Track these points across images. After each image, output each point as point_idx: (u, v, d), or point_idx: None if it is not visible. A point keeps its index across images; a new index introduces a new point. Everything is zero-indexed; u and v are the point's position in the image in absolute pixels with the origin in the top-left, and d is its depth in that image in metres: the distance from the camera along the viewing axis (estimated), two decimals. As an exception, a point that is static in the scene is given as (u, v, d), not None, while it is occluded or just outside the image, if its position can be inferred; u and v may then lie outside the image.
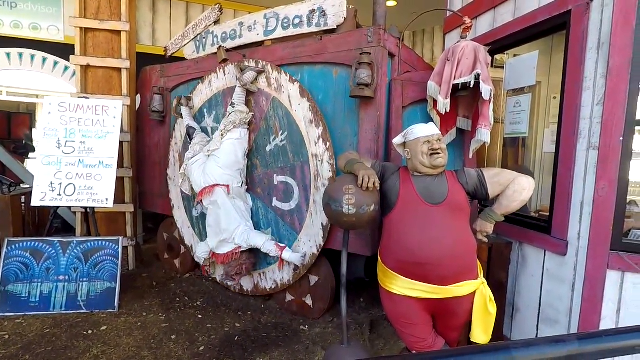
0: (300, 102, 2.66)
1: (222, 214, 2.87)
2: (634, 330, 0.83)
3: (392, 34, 2.52)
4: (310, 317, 2.85)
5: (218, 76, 3.17)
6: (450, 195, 1.74)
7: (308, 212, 2.72)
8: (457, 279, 1.70)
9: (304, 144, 2.68)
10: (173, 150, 3.61)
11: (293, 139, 2.75)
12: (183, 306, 3.07)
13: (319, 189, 2.63)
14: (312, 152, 2.64)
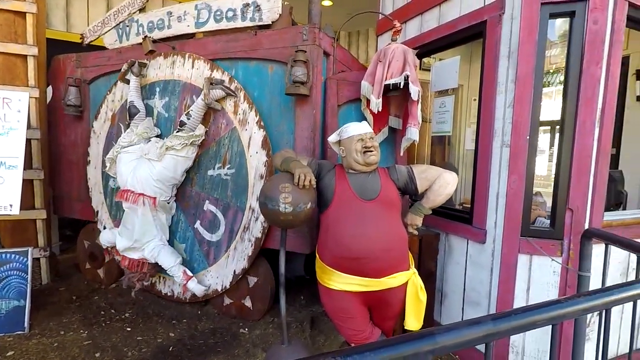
0: (259, 151, 2.55)
1: (139, 224, 2.70)
2: (535, 308, 0.94)
3: (327, 33, 2.55)
4: (250, 319, 2.80)
5: (184, 65, 2.83)
6: (383, 191, 1.81)
7: (226, 254, 2.72)
8: (391, 271, 1.78)
9: (246, 193, 2.61)
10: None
11: (238, 181, 2.65)
12: (109, 320, 2.82)
13: (243, 240, 2.63)
14: (250, 204, 2.59)
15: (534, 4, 1.92)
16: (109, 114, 3.21)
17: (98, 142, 3.29)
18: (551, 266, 1.98)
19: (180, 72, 2.89)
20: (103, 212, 3.31)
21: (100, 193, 3.30)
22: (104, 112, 3.25)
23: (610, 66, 1.88)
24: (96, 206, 3.35)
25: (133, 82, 2.89)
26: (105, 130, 3.24)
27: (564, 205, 1.95)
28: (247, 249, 2.63)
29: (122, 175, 2.75)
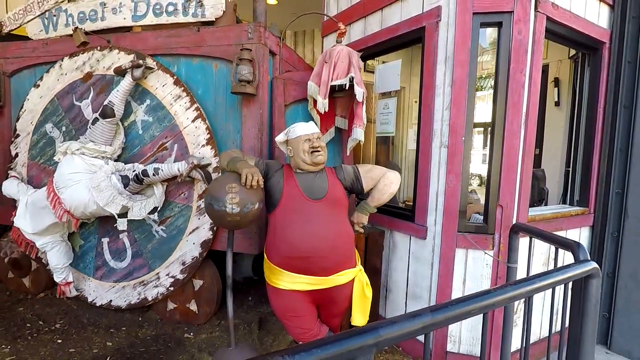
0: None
1: (48, 224, 2.59)
2: (469, 299, 1.01)
3: (272, 33, 2.53)
4: (196, 323, 2.70)
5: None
6: (330, 190, 1.84)
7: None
8: (338, 269, 1.81)
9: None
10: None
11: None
12: (36, 332, 2.58)
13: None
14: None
15: (467, 14, 2.05)
16: (38, 109, 2.92)
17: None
18: (484, 259, 2.14)
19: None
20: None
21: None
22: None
23: (532, 73, 2.06)
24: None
25: (126, 84, 2.44)
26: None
27: (495, 201, 2.11)
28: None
29: (61, 176, 2.46)
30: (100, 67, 2.69)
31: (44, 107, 2.87)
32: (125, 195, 2.44)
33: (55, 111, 2.84)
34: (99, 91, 2.70)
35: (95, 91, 2.71)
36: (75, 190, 2.42)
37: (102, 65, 2.68)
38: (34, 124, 2.92)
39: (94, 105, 2.70)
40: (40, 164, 2.93)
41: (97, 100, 2.68)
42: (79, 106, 2.77)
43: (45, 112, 2.87)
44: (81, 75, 2.74)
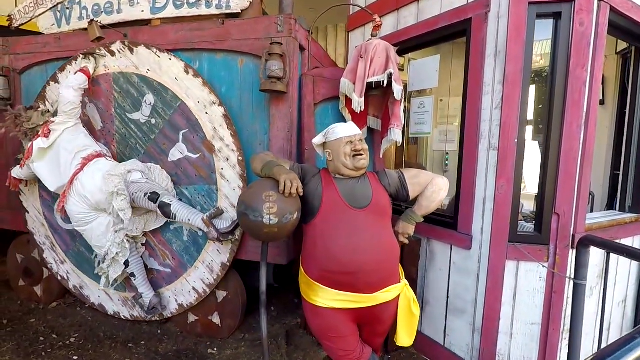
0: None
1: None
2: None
3: (302, 26, 2.36)
4: (219, 337, 2.54)
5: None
6: (375, 198, 1.67)
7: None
8: (384, 285, 1.64)
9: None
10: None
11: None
12: (50, 347, 2.43)
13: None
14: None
15: (521, 4, 1.87)
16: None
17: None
18: (538, 272, 1.96)
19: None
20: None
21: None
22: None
23: (594, 69, 1.88)
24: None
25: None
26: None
27: (550, 209, 1.92)
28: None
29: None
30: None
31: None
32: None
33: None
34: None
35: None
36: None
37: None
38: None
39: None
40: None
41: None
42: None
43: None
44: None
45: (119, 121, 2.56)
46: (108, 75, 2.53)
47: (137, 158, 2.54)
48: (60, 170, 2.39)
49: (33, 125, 2.46)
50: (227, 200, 2.36)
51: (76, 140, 2.42)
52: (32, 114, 2.47)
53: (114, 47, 2.47)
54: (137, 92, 2.48)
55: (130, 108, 2.52)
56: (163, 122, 2.44)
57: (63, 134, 2.38)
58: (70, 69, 2.61)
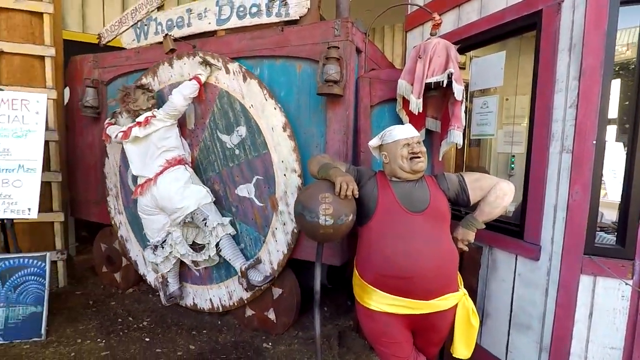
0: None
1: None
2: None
3: (359, 28, 2.36)
4: (274, 333, 2.63)
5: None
6: (433, 202, 1.62)
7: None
8: (441, 292, 1.58)
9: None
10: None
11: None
12: (126, 328, 2.70)
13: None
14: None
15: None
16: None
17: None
18: (619, 290, 1.75)
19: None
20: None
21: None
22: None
23: (692, 61, 1.64)
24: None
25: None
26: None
27: (636, 219, 1.71)
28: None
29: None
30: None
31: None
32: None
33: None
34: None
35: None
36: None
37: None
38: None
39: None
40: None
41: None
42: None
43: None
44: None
45: (209, 133, 2.69)
46: (216, 88, 2.61)
47: (211, 174, 2.71)
48: (145, 161, 2.61)
49: (137, 107, 2.62)
50: (269, 256, 2.54)
51: (167, 139, 2.60)
52: (139, 95, 2.63)
53: (231, 66, 2.52)
54: (234, 119, 2.56)
55: (222, 128, 2.62)
56: (245, 159, 2.55)
57: (159, 131, 2.56)
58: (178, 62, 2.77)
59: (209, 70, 2.57)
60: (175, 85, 2.66)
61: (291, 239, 2.43)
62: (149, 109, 2.63)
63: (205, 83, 2.61)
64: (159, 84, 2.83)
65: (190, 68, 2.66)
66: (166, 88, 2.80)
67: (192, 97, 2.55)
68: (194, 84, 2.53)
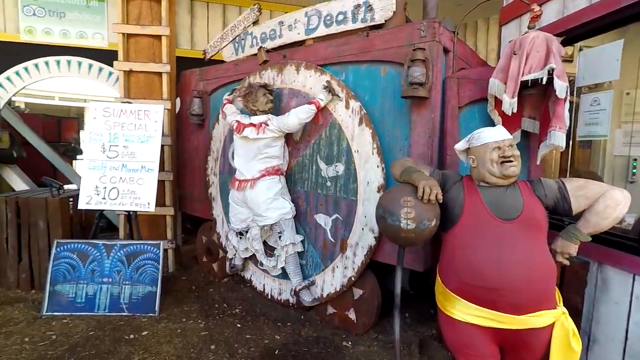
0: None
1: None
2: None
3: (446, 27, 2.29)
4: (353, 333, 2.68)
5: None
6: (526, 209, 1.50)
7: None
8: (534, 308, 1.46)
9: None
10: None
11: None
12: (222, 313, 3.00)
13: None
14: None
15: None
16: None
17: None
18: None
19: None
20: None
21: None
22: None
23: None
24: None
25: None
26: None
27: None
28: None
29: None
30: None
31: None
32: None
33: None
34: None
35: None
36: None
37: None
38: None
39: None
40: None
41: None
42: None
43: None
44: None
45: (310, 153, 2.79)
46: (331, 116, 2.62)
47: (299, 189, 2.90)
48: (248, 160, 2.84)
49: (255, 107, 2.75)
50: (322, 283, 2.80)
51: (272, 148, 2.76)
52: (260, 96, 2.74)
53: (352, 103, 2.49)
54: (337, 154, 2.61)
55: (323, 155, 2.70)
56: (332, 194, 2.66)
57: (268, 139, 2.73)
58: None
59: (330, 97, 2.56)
60: (294, 91, 2.82)
61: (346, 282, 2.63)
62: (264, 112, 2.77)
63: (325, 106, 2.63)
64: (281, 82, 2.92)
65: (313, 83, 2.69)
66: (286, 89, 2.90)
67: (306, 121, 2.63)
68: (312, 109, 2.57)
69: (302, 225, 2.91)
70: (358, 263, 2.56)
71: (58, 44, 4.57)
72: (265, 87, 2.80)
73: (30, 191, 3.95)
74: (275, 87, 2.91)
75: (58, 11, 4.54)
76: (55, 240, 3.04)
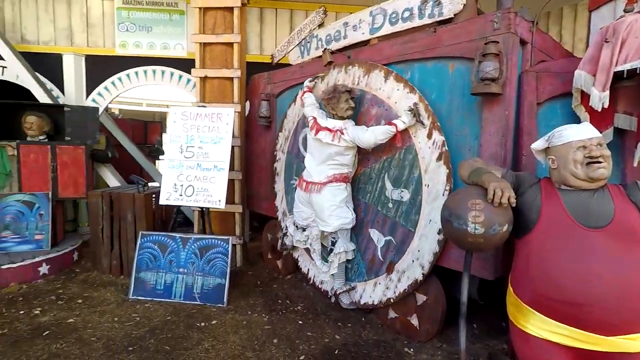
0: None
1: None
2: None
3: (524, 17, 2.11)
4: (416, 340, 2.59)
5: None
6: (618, 216, 1.33)
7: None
8: (629, 330, 1.28)
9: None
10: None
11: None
12: (284, 309, 3.09)
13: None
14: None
15: None
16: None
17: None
18: None
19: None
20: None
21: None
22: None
23: None
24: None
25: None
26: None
27: None
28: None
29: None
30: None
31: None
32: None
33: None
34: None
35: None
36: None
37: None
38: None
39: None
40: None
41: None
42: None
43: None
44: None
45: (378, 168, 2.73)
46: (410, 140, 2.48)
47: (360, 199, 2.90)
48: (318, 162, 2.87)
49: (334, 112, 2.71)
50: (362, 292, 2.91)
51: (343, 156, 2.75)
52: (342, 102, 2.68)
53: (436, 134, 2.32)
54: (405, 180, 2.52)
55: (391, 176, 2.62)
56: (392, 217, 2.64)
57: (341, 147, 2.71)
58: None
59: (413, 121, 2.39)
60: (377, 100, 2.67)
61: (385, 301, 2.73)
62: (342, 118, 2.74)
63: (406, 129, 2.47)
64: (366, 85, 2.77)
65: (399, 98, 2.53)
66: (370, 95, 2.76)
67: (382, 142, 2.53)
68: (391, 132, 2.45)
69: (355, 233, 2.94)
70: (400, 289, 2.61)
71: (145, 55, 5.09)
72: (350, 93, 2.72)
73: (121, 187, 4.44)
74: (360, 89, 2.79)
75: (146, 26, 5.06)
76: (140, 232, 3.38)
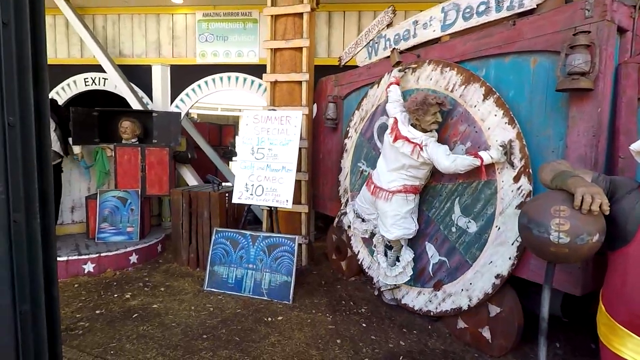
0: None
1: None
2: None
3: (623, 2, 1.87)
4: (488, 354, 2.42)
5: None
6: None
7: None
8: None
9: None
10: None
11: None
12: (348, 311, 3.10)
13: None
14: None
15: None
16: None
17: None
18: None
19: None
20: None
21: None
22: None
23: None
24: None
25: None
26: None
27: None
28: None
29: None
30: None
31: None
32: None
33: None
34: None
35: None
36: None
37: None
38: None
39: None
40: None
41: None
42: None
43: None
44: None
45: (450, 189, 2.62)
46: (493, 175, 2.31)
47: (425, 212, 2.85)
48: (389, 167, 2.80)
49: (418, 122, 2.57)
50: (405, 296, 3.01)
51: (418, 170, 2.66)
52: (430, 115, 2.50)
53: (524, 181, 2.14)
54: (477, 213, 2.42)
55: (462, 202, 2.52)
56: (452, 242, 2.61)
57: (417, 162, 2.60)
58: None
59: (502, 159, 2.22)
60: (469, 118, 2.45)
61: (424, 310, 2.84)
62: (425, 131, 2.59)
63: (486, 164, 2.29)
64: (460, 96, 2.51)
65: (494, 124, 2.28)
66: (462, 109, 2.51)
67: (462, 172, 2.40)
68: (475, 164, 2.29)
69: (414, 242, 2.92)
70: (442, 309, 2.68)
71: (222, 63, 5.48)
72: (440, 105, 2.50)
73: (198, 186, 4.82)
74: (452, 97, 2.55)
75: (223, 36, 5.44)
76: (215, 228, 3.64)
